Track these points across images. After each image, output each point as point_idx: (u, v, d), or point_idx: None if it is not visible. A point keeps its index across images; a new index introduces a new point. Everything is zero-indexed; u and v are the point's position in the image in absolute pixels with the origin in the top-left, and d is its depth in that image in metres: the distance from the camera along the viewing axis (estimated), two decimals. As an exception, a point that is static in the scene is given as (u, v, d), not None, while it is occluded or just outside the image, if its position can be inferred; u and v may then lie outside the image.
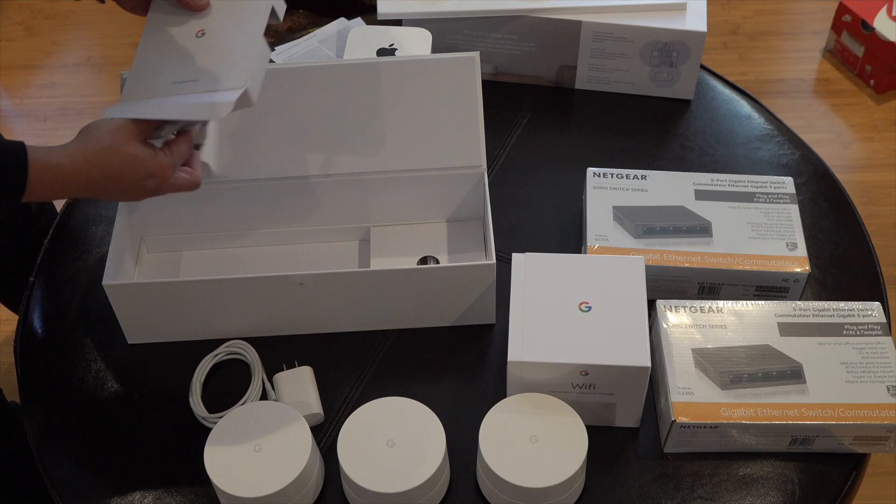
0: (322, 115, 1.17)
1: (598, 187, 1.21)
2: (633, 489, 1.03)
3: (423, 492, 0.97)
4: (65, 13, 2.63)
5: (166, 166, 0.97)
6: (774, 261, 1.13)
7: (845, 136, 2.29)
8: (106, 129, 0.95)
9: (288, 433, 1.00)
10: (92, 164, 0.94)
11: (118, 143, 0.94)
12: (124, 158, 0.94)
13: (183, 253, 1.24)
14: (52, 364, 1.15)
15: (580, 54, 1.39)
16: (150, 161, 0.95)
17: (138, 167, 0.95)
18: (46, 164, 0.92)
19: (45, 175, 0.92)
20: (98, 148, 0.94)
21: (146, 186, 0.97)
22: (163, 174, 0.97)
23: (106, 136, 0.94)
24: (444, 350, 1.13)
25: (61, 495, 1.06)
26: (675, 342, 1.06)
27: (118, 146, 0.94)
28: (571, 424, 1.00)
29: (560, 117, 1.42)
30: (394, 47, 1.31)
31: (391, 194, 1.20)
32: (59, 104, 2.39)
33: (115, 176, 0.95)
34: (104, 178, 0.95)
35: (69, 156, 0.93)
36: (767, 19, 2.57)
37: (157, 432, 1.09)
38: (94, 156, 0.94)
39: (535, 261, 1.07)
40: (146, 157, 0.95)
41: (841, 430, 1.01)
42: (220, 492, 0.98)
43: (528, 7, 1.36)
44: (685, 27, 1.34)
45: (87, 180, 0.94)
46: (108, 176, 0.95)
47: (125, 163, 0.94)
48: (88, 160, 0.94)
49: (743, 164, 1.34)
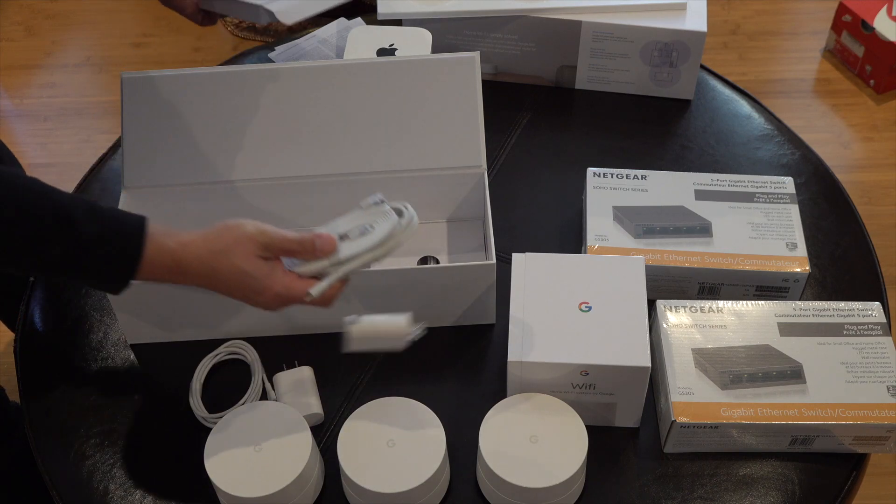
0: (322, 115, 1.17)
1: (598, 187, 1.21)
2: (633, 489, 1.03)
3: (423, 492, 0.97)
4: (65, 13, 2.63)
5: (277, 289, 0.93)
6: (774, 261, 1.13)
7: (845, 136, 2.29)
8: (234, 233, 0.92)
9: (288, 433, 1.00)
10: (203, 261, 0.91)
11: (234, 251, 0.91)
12: (232, 268, 0.91)
13: (183, 253, 1.24)
14: (53, 364, 1.15)
15: (580, 54, 1.39)
16: (261, 279, 0.92)
17: (246, 281, 0.92)
18: (161, 245, 0.89)
19: (158, 257, 0.89)
20: (215, 248, 0.91)
21: (257, 301, 0.94)
22: (270, 294, 0.93)
23: (229, 240, 0.91)
24: (444, 350, 1.13)
25: (61, 495, 1.06)
26: (675, 342, 1.06)
27: (232, 254, 0.91)
28: (571, 424, 1.00)
29: (560, 117, 1.42)
30: (394, 47, 1.31)
31: (391, 194, 1.20)
32: (59, 104, 2.39)
33: (224, 281, 0.92)
34: (214, 280, 0.92)
35: (185, 245, 0.91)
36: (767, 19, 2.57)
37: (157, 432, 1.09)
38: (208, 254, 0.91)
39: (535, 261, 1.07)
40: (257, 275, 0.92)
41: (841, 430, 1.01)
42: (220, 492, 0.98)
43: (527, 7, 1.36)
44: (685, 27, 1.34)
45: (197, 275, 0.92)
46: (217, 279, 0.92)
47: (232, 272, 0.91)
48: (201, 256, 0.91)
49: (743, 164, 1.34)
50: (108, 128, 2.34)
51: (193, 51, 2.51)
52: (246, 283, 0.92)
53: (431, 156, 1.18)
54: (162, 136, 1.17)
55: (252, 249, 0.91)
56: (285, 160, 1.17)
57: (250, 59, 1.49)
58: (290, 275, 0.94)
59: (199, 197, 1.18)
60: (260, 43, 1.58)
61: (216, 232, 0.92)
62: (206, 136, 1.17)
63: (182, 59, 2.49)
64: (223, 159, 1.17)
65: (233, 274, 0.91)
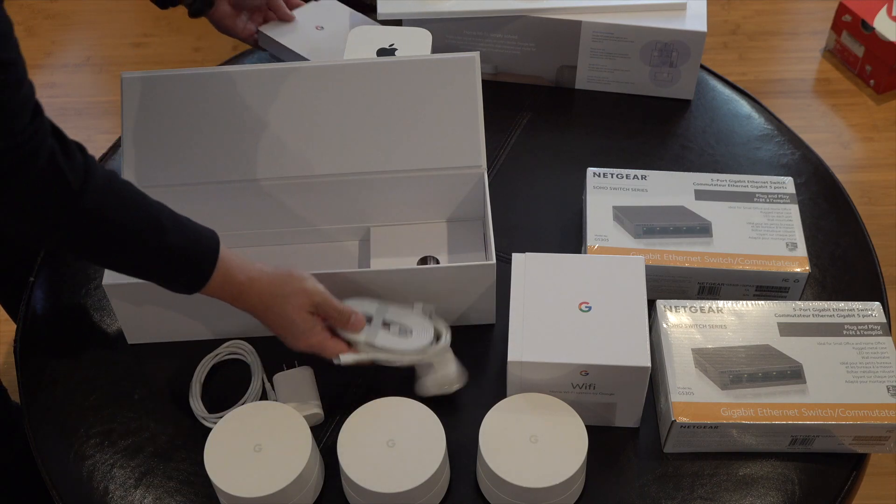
0: (322, 115, 1.17)
1: (598, 187, 1.21)
2: (633, 489, 1.03)
3: (423, 492, 0.97)
4: (65, 13, 2.63)
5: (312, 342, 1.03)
6: (774, 261, 1.13)
7: (845, 136, 2.29)
8: (296, 284, 1.01)
9: (288, 433, 1.00)
10: (262, 299, 1.00)
11: (291, 300, 1.00)
12: (283, 312, 1.00)
13: (183, 253, 1.24)
14: (53, 364, 1.15)
15: (580, 54, 1.39)
16: (304, 331, 1.02)
17: (290, 327, 1.01)
18: (230, 277, 0.98)
19: (223, 286, 0.98)
20: (276, 292, 1.00)
21: (290, 342, 1.03)
22: (305, 343, 1.03)
23: (290, 289, 1.01)
24: (444, 350, 1.13)
25: (61, 495, 1.06)
26: (675, 342, 1.06)
27: (288, 302, 1.00)
28: (571, 424, 1.00)
29: (560, 117, 1.42)
30: (394, 47, 1.31)
31: (391, 194, 1.20)
32: (59, 104, 2.39)
33: (271, 319, 1.02)
34: (263, 314, 1.01)
35: (252, 281, 0.99)
36: (767, 19, 2.57)
37: (157, 432, 1.09)
38: (268, 296, 1.00)
39: (535, 261, 1.07)
40: (302, 327, 1.01)
41: (841, 430, 1.01)
42: (220, 492, 0.98)
43: (528, 7, 1.36)
44: (685, 27, 1.34)
45: (251, 306, 1.01)
46: (265, 315, 1.01)
47: (282, 316, 1.01)
48: (261, 294, 1.00)
49: (743, 164, 1.34)
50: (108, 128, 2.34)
51: (193, 51, 2.51)
52: (289, 328, 1.02)
53: (431, 156, 1.18)
54: (162, 136, 1.17)
55: (305, 304, 1.01)
56: (285, 160, 1.17)
57: (250, 59, 1.49)
58: (326, 333, 1.03)
59: (199, 197, 1.18)
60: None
61: (282, 277, 1.01)
62: (206, 136, 1.17)
63: (182, 59, 2.48)
64: (223, 159, 1.17)
65: (282, 317, 1.01)
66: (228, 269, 0.98)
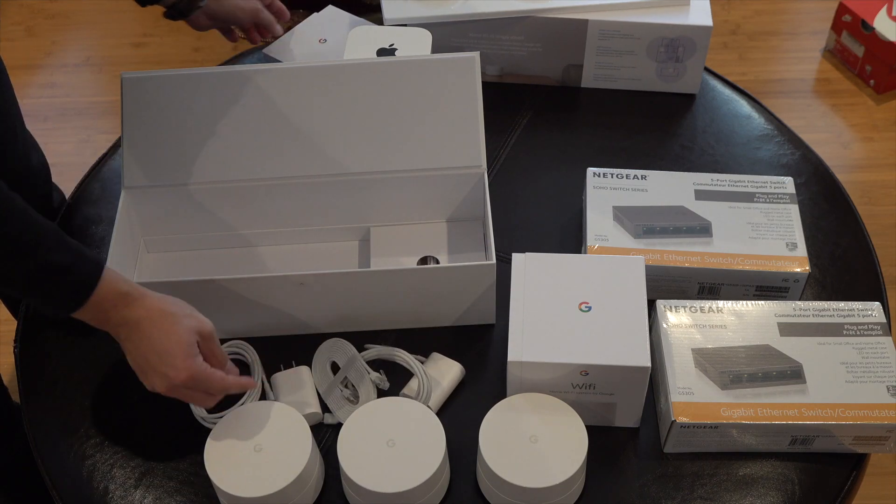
0: (322, 115, 1.17)
1: (598, 187, 1.21)
2: (633, 489, 1.03)
3: (423, 492, 0.97)
4: (65, 13, 2.63)
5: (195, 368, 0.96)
6: (774, 261, 1.13)
7: (845, 136, 2.29)
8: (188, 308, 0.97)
9: (288, 433, 1.00)
10: (147, 306, 0.94)
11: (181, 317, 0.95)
12: (169, 331, 0.94)
13: (183, 253, 1.24)
14: (53, 364, 1.15)
15: (587, 53, 1.39)
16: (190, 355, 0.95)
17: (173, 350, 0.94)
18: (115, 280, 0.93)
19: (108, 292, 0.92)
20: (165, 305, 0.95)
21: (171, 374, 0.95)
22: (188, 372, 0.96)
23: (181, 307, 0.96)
24: (444, 350, 1.13)
25: (61, 495, 1.06)
26: (675, 342, 1.06)
27: (178, 318, 0.95)
28: (571, 424, 1.00)
29: (561, 117, 1.42)
30: (394, 47, 1.31)
31: (391, 194, 1.20)
32: (59, 104, 2.39)
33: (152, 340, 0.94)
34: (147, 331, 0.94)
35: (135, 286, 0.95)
36: (767, 19, 2.57)
37: (157, 432, 1.09)
38: (156, 304, 0.95)
39: (535, 261, 1.07)
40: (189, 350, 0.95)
41: (841, 430, 1.01)
42: (220, 492, 0.98)
43: (533, 7, 1.36)
44: (692, 22, 1.34)
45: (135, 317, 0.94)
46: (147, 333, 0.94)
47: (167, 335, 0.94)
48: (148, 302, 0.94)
49: (743, 164, 1.34)
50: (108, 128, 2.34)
51: (193, 51, 2.51)
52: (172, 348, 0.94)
53: (431, 156, 1.18)
54: (162, 136, 1.17)
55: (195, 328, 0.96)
56: (285, 160, 1.17)
57: (250, 59, 1.49)
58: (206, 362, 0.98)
59: (199, 197, 1.18)
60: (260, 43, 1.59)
61: (173, 300, 0.97)
62: (206, 136, 1.17)
63: (182, 59, 2.48)
64: (223, 159, 1.17)
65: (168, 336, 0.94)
66: (115, 280, 0.93)
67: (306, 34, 1.44)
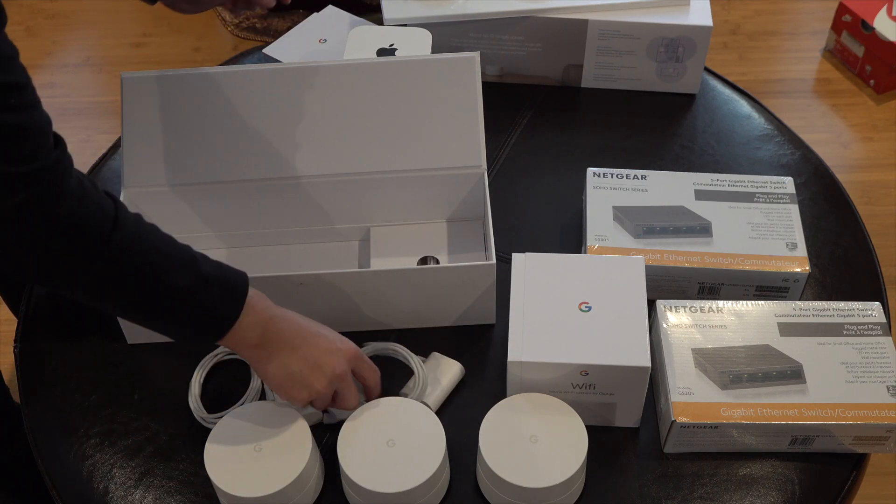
0: (322, 115, 1.17)
1: (598, 187, 1.21)
2: (633, 489, 1.03)
3: (423, 492, 0.97)
4: (65, 13, 2.63)
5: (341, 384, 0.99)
6: (774, 261, 1.13)
7: (845, 136, 2.29)
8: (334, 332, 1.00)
9: (288, 433, 1.00)
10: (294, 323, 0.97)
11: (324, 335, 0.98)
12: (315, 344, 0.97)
13: (183, 253, 1.24)
14: (53, 364, 1.15)
15: (587, 53, 1.40)
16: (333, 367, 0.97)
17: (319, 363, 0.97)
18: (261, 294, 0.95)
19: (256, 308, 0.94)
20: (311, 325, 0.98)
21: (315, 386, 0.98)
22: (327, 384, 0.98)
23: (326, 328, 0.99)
24: (444, 350, 1.13)
25: (61, 495, 1.06)
26: (675, 342, 1.06)
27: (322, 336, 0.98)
28: (571, 424, 1.00)
29: (561, 117, 1.42)
30: (394, 47, 1.31)
31: (391, 194, 1.20)
32: (59, 104, 2.39)
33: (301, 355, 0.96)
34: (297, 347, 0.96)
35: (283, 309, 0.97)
36: (767, 19, 2.57)
37: (157, 432, 1.09)
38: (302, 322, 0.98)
39: (535, 261, 1.07)
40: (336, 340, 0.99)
41: (841, 430, 1.01)
42: (220, 492, 0.98)
43: (533, 7, 1.36)
44: (692, 22, 1.35)
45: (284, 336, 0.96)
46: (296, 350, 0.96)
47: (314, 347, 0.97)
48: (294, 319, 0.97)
49: (743, 164, 1.34)
50: (108, 128, 2.34)
51: (193, 51, 2.51)
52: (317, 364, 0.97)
53: (431, 156, 1.18)
54: (162, 136, 1.17)
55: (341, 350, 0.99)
56: (285, 160, 1.17)
57: (250, 59, 1.49)
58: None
59: (199, 197, 1.18)
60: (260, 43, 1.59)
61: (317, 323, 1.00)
62: (206, 136, 1.17)
63: (182, 59, 2.48)
64: (223, 159, 1.17)
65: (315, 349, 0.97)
66: (260, 297, 0.95)
67: (306, 34, 1.44)
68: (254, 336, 0.95)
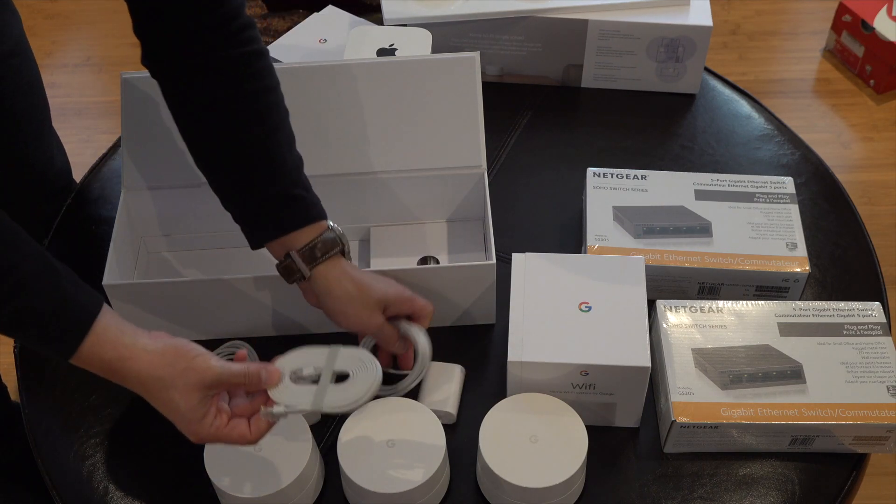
0: (322, 115, 1.17)
1: (598, 187, 1.21)
2: (633, 489, 1.03)
3: (423, 492, 0.97)
4: (65, 13, 2.63)
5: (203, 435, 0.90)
6: (774, 261, 1.13)
7: (845, 136, 2.29)
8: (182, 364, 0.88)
9: (288, 433, 1.00)
10: (141, 379, 0.87)
11: (176, 383, 0.87)
12: (168, 399, 0.88)
13: (183, 253, 1.24)
14: (52, 364, 1.15)
15: (587, 53, 1.40)
16: (191, 421, 0.89)
17: (175, 415, 0.89)
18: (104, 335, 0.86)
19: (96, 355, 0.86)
20: (157, 374, 0.87)
21: (189, 436, 0.91)
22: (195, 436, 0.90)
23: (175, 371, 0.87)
24: (444, 350, 1.13)
25: (61, 495, 1.06)
26: (675, 342, 1.06)
27: (173, 387, 0.87)
28: (571, 424, 1.00)
29: (561, 117, 1.42)
30: (394, 47, 1.31)
31: (391, 194, 1.20)
32: (59, 104, 2.39)
33: (158, 406, 0.89)
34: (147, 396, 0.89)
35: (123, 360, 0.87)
36: (767, 19, 2.57)
37: (157, 432, 1.08)
38: (145, 370, 0.87)
39: (535, 261, 1.07)
40: (189, 417, 0.88)
41: (841, 430, 1.01)
42: (220, 492, 0.98)
43: (533, 7, 1.36)
44: (692, 22, 1.35)
45: (133, 386, 0.88)
46: (150, 398, 0.89)
47: (166, 402, 0.88)
48: (140, 374, 0.87)
49: (743, 164, 1.34)
50: (108, 128, 2.34)
51: (193, 51, 2.51)
52: (176, 416, 0.89)
53: (431, 156, 1.18)
54: (162, 137, 1.16)
55: (194, 386, 0.88)
56: (285, 160, 1.17)
57: (250, 59, 1.49)
58: (222, 420, 0.91)
59: (198, 197, 1.18)
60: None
61: (167, 357, 0.88)
62: (206, 136, 1.16)
63: (182, 59, 2.48)
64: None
65: (166, 404, 0.89)
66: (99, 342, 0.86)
67: (306, 34, 1.44)
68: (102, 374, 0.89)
